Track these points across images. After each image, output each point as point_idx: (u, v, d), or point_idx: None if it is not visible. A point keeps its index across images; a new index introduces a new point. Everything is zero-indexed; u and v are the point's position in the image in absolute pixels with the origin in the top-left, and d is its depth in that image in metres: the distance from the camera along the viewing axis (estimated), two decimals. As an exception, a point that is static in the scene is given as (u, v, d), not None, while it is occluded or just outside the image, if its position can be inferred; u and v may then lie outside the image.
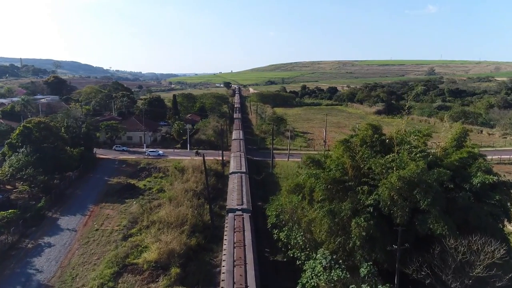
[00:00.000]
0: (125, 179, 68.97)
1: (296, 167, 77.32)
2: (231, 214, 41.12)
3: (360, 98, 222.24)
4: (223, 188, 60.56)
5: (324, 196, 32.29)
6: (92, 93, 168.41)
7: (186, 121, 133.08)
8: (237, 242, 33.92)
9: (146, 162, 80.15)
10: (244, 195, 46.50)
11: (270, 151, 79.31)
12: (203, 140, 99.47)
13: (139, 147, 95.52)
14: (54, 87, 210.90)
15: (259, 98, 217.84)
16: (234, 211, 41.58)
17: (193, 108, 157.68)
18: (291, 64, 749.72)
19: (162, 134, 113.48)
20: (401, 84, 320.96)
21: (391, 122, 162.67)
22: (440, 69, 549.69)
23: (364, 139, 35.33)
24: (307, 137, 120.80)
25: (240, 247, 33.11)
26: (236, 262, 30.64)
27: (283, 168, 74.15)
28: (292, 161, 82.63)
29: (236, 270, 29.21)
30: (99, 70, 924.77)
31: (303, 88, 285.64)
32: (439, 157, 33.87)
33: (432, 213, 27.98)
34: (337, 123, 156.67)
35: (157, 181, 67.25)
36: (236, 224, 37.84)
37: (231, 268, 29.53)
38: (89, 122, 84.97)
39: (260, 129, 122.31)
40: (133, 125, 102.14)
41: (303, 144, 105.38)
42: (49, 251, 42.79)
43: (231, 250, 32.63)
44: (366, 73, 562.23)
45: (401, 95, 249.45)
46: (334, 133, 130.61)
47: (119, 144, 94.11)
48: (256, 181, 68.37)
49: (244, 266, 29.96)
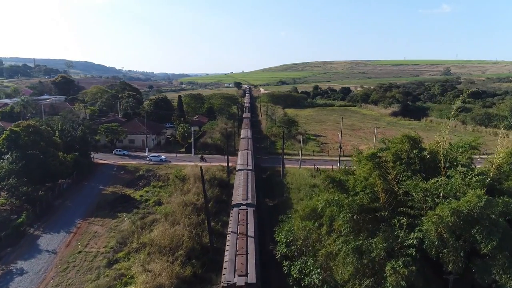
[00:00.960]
0: (121, 188, 62.76)
1: (308, 175, 70.80)
2: (236, 208, 41.67)
3: (374, 99, 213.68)
4: (228, 199, 53.77)
5: (348, 229, 25.28)
6: (98, 93, 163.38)
7: (193, 123, 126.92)
8: (240, 234, 34.52)
9: (146, 168, 73.94)
10: (249, 191, 46.91)
11: (281, 157, 72.77)
12: (209, 144, 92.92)
13: (141, 151, 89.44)
14: (62, 87, 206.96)
15: (270, 99, 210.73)
16: (239, 206, 42.08)
17: (201, 109, 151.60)
18: (303, 64, 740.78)
19: (167, 136, 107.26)
20: (417, 84, 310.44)
21: (408, 124, 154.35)
22: (456, 69, 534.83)
23: (399, 154, 28.17)
24: (320, 141, 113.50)
25: (242, 238, 33.73)
26: (238, 252, 31.41)
27: (294, 177, 67.14)
28: (305, 168, 75.60)
29: (238, 259, 30.09)
30: (112, 70, 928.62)
31: (315, 89, 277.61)
32: (495, 179, 26.46)
33: (498, 260, 20.82)
34: (351, 125, 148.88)
35: (155, 191, 60.89)
36: (240, 218, 38.34)
37: (233, 257, 30.48)
38: (87, 124, 78.95)
39: (270, 131, 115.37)
40: (135, 127, 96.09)
41: (315, 148, 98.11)
42: (19, 280, 36.41)
43: (234, 241, 33.41)
44: (379, 73, 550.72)
45: (417, 96, 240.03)
46: (348, 136, 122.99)
47: (119, 148, 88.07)
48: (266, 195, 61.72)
49: (246, 255, 30.77)
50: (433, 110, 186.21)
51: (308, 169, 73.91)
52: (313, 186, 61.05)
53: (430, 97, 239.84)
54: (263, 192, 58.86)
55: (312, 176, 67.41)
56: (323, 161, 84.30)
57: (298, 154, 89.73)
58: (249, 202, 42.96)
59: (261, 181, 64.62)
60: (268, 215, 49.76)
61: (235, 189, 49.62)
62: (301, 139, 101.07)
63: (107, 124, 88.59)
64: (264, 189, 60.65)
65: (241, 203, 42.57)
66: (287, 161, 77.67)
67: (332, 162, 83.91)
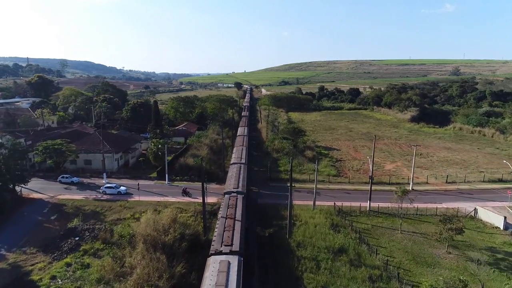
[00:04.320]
0: (33, 255, 39.60)
1: (328, 225, 47.34)
2: (227, 195, 43.59)
3: (388, 101, 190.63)
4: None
5: None
6: (72, 96, 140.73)
7: (178, 133, 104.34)
8: (229, 215, 36.64)
9: (93, 209, 51.50)
10: (240, 181, 48.97)
11: (286, 188, 50.38)
12: (190, 166, 70.00)
13: (98, 176, 67.00)
14: (38, 88, 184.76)
15: (272, 101, 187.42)
16: (230, 193, 44.00)
17: (192, 114, 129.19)
18: (306, 64, 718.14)
19: (143, 152, 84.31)
20: (430, 85, 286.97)
21: (433, 133, 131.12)
22: (465, 69, 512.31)
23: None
24: (334, 156, 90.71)
25: (231, 218, 35.82)
26: (226, 228, 33.53)
27: (307, 230, 44.28)
28: (321, 206, 52.93)
29: (225, 234, 32.34)
30: (112, 70, 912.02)
31: (321, 90, 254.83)
32: None
33: None
34: (366, 133, 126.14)
35: (82, 263, 37.06)
36: (230, 203, 40.34)
37: (221, 232, 32.73)
38: (12, 144, 55.95)
39: (272, 145, 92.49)
40: (94, 143, 73.21)
41: (331, 171, 75.00)
42: None
43: (223, 220, 35.61)
44: (385, 73, 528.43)
45: (433, 98, 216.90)
46: (367, 149, 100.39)
47: (66, 174, 65.15)
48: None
49: (232, 231, 32.92)
50: (456, 114, 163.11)
51: (326, 211, 51.27)
52: (339, 252, 38.59)
53: (447, 99, 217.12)
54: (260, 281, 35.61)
55: (334, 229, 44.79)
56: (344, 193, 61.81)
57: (308, 180, 66.99)
58: (239, 190, 45.04)
59: (259, 246, 41.81)
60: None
61: (228, 179, 52.19)
62: (315, 161, 78.59)
63: (48, 142, 65.26)
64: (262, 270, 37.43)
65: (232, 191, 44.55)
66: (294, 191, 55.21)
67: (357, 194, 61.33)
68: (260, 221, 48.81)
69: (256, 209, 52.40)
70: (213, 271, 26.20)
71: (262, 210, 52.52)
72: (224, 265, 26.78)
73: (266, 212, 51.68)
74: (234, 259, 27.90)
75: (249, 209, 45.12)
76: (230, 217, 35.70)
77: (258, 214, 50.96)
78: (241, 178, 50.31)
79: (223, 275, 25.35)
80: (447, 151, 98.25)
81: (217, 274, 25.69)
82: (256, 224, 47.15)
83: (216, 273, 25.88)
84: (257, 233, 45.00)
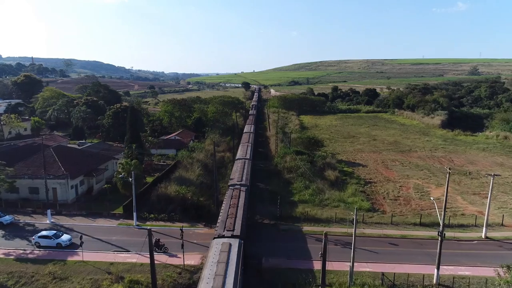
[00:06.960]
0: None
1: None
2: (231, 188, 46.09)
3: (411, 104, 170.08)
4: None
5: None
6: (52, 98, 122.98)
7: (167, 144, 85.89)
8: (232, 205, 39.36)
9: (18, 274, 33.29)
10: (244, 175, 51.22)
11: (304, 236, 31.72)
12: (171, 197, 50.81)
13: (44, 213, 48.43)
14: (25, 88, 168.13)
15: (281, 103, 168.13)
16: (234, 186, 46.71)
17: (188, 119, 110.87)
18: (316, 63, 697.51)
19: (117, 171, 65.58)
20: (452, 85, 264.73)
21: (472, 141, 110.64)
22: (483, 68, 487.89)
23: None
24: (361, 176, 71.42)
25: (234, 207, 38.55)
26: (229, 216, 36.36)
27: None
28: (357, 272, 33.91)
29: (228, 220, 35.17)
30: (121, 69, 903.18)
31: (334, 90, 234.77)
32: None
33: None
34: (393, 142, 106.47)
35: None
36: (234, 194, 43.25)
37: (224, 219, 35.61)
38: None
39: (283, 162, 73.21)
40: (46, 163, 54.59)
41: (362, 202, 55.23)
42: None
43: (226, 209, 38.58)
44: (398, 72, 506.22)
45: (459, 100, 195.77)
46: (400, 165, 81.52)
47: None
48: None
49: (234, 218, 35.54)
50: (492, 118, 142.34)
51: (370, 283, 32.11)
52: None
53: (474, 101, 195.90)
54: None
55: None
56: (389, 244, 42.31)
57: (334, 220, 47.60)
58: (243, 183, 47.65)
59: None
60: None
61: (232, 173, 54.78)
62: (338, 185, 59.36)
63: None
64: None
65: (236, 184, 47.33)
66: (309, 238, 35.95)
67: (407, 245, 41.75)
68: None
69: (259, 281, 33.36)
70: (216, 251, 28.51)
71: (268, 284, 33.32)
72: (225, 246, 29.12)
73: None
74: (235, 241, 30.28)
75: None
76: (233, 206, 38.96)
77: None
78: (245, 172, 53.37)
79: (224, 254, 27.71)
80: (501, 168, 78.08)
81: (219, 253, 27.97)
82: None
83: (218, 252, 28.19)
84: None
